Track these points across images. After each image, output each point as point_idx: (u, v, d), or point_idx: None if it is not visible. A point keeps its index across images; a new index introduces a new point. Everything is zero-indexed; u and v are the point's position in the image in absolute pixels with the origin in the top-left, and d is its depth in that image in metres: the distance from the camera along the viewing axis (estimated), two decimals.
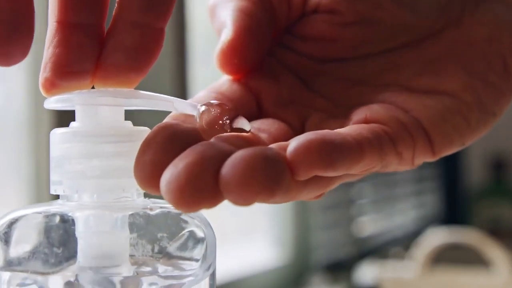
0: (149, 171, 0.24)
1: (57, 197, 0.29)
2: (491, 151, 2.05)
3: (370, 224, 1.60)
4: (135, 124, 0.29)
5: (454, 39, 0.31)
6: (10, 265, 0.28)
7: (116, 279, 0.28)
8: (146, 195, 0.29)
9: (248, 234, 1.28)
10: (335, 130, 0.26)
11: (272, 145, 0.25)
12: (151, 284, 0.28)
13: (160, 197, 0.30)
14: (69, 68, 0.26)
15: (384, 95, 0.30)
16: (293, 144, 0.24)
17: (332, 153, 0.24)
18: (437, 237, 1.22)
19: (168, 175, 0.23)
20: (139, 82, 0.27)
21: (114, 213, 0.28)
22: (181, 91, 0.85)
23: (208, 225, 0.30)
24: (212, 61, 0.32)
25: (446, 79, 0.31)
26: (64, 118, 0.25)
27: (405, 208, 1.83)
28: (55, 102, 0.27)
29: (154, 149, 0.24)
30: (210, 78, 0.28)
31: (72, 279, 0.28)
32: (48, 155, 0.28)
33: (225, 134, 0.26)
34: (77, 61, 0.26)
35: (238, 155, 0.23)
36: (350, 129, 0.27)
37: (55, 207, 0.28)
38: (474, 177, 2.09)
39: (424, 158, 0.30)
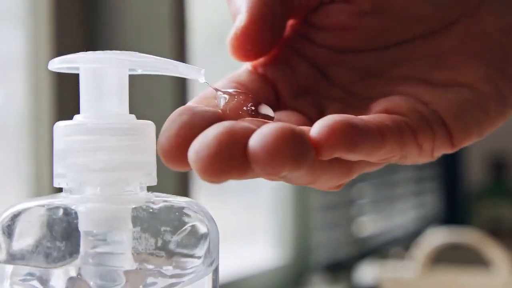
0: (174, 144, 0.24)
1: (58, 191, 0.29)
2: (491, 151, 2.05)
3: (370, 224, 1.60)
4: (138, 117, 0.29)
5: (470, 30, 0.32)
6: (13, 258, 0.28)
7: (120, 272, 0.28)
8: (149, 189, 0.29)
9: (248, 234, 1.28)
10: (357, 116, 0.27)
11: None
12: (153, 283, 0.28)
13: (163, 191, 0.30)
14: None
15: (402, 87, 0.31)
16: (318, 124, 0.25)
17: (355, 135, 0.25)
18: (437, 237, 1.22)
19: (198, 145, 0.23)
20: None
21: (117, 206, 0.28)
22: (181, 90, 0.85)
23: (211, 219, 0.30)
24: (212, 61, 0.32)
25: (464, 71, 0.31)
26: (64, 117, 0.25)
27: (405, 208, 1.83)
28: (59, 63, 0.27)
29: (180, 125, 0.25)
30: (210, 78, 0.28)
31: (74, 274, 0.28)
32: (48, 155, 0.29)
33: (249, 118, 0.27)
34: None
35: (266, 127, 0.23)
36: (372, 117, 0.28)
37: (58, 200, 0.28)
38: (474, 177, 2.09)
39: (444, 150, 0.30)
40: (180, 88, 0.85)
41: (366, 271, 1.26)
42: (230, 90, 0.28)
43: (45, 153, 0.76)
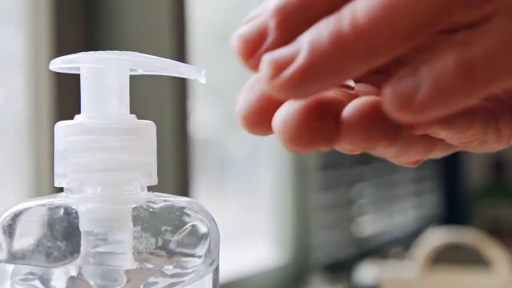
0: (255, 109, 0.23)
1: (59, 191, 0.29)
2: (491, 151, 2.04)
3: (370, 224, 1.60)
4: (138, 117, 0.29)
5: None
6: (14, 257, 0.28)
7: (120, 272, 0.28)
8: (150, 189, 0.29)
9: (248, 234, 1.28)
10: None
11: None
12: (154, 282, 0.28)
13: (163, 191, 0.30)
14: None
15: None
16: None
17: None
18: (437, 237, 1.22)
19: (285, 113, 0.22)
20: None
21: (117, 206, 0.28)
22: (181, 91, 0.85)
23: (211, 219, 0.30)
24: (212, 61, 0.32)
25: None
26: (64, 117, 0.26)
27: (405, 208, 1.83)
28: (60, 63, 0.27)
29: (261, 91, 0.23)
30: (210, 78, 0.28)
31: (75, 273, 0.28)
32: (48, 155, 0.29)
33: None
34: None
35: (361, 101, 0.22)
36: None
37: (59, 200, 0.28)
38: (474, 177, 2.09)
39: None
40: (180, 88, 0.85)
41: (366, 271, 1.26)
42: None
43: (45, 153, 0.77)
